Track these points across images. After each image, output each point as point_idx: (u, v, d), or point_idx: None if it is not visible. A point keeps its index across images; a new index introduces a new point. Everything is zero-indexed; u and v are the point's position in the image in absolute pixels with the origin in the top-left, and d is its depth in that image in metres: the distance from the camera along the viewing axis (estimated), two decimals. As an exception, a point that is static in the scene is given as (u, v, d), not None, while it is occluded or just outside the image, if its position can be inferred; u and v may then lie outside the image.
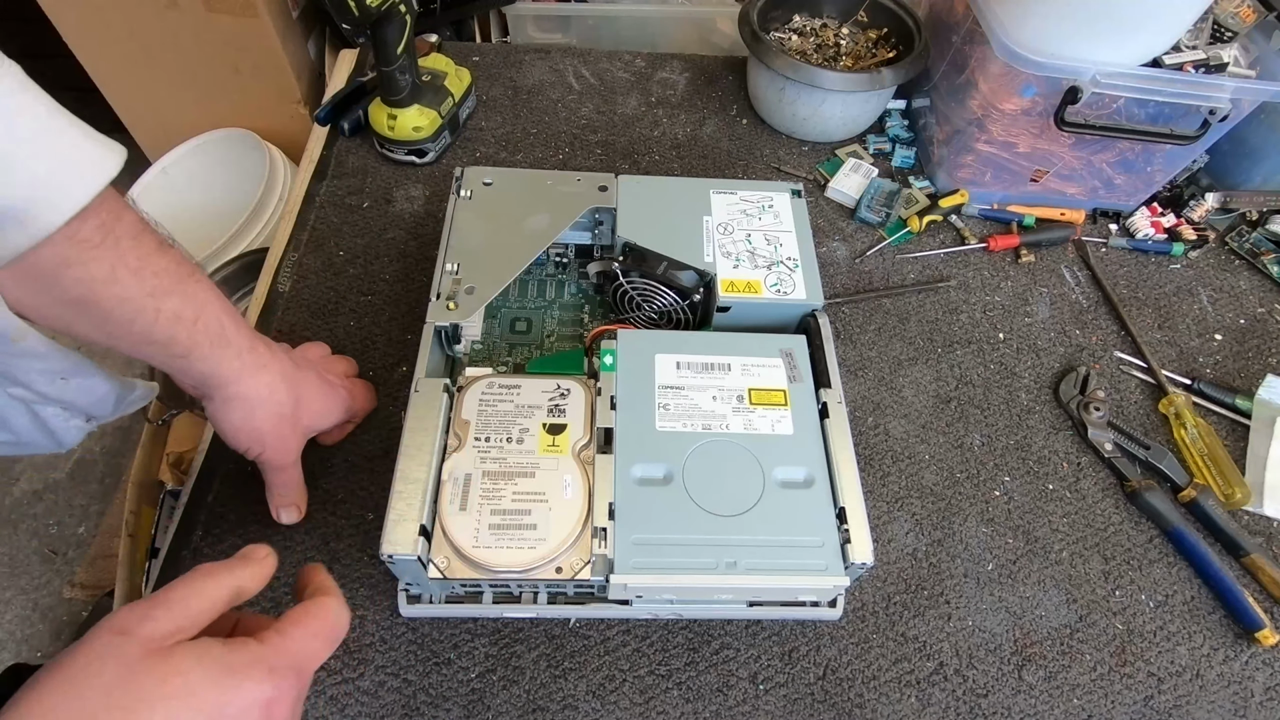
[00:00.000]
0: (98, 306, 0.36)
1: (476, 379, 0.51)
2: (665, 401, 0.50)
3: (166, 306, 0.38)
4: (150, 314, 0.37)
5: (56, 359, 0.39)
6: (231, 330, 0.42)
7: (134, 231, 0.36)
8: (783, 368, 0.52)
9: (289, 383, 0.46)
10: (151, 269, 0.37)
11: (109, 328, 0.37)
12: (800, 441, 0.49)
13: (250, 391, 0.44)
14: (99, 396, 0.43)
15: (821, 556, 0.44)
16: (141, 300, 0.37)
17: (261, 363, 0.44)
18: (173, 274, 0.38)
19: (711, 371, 0.52)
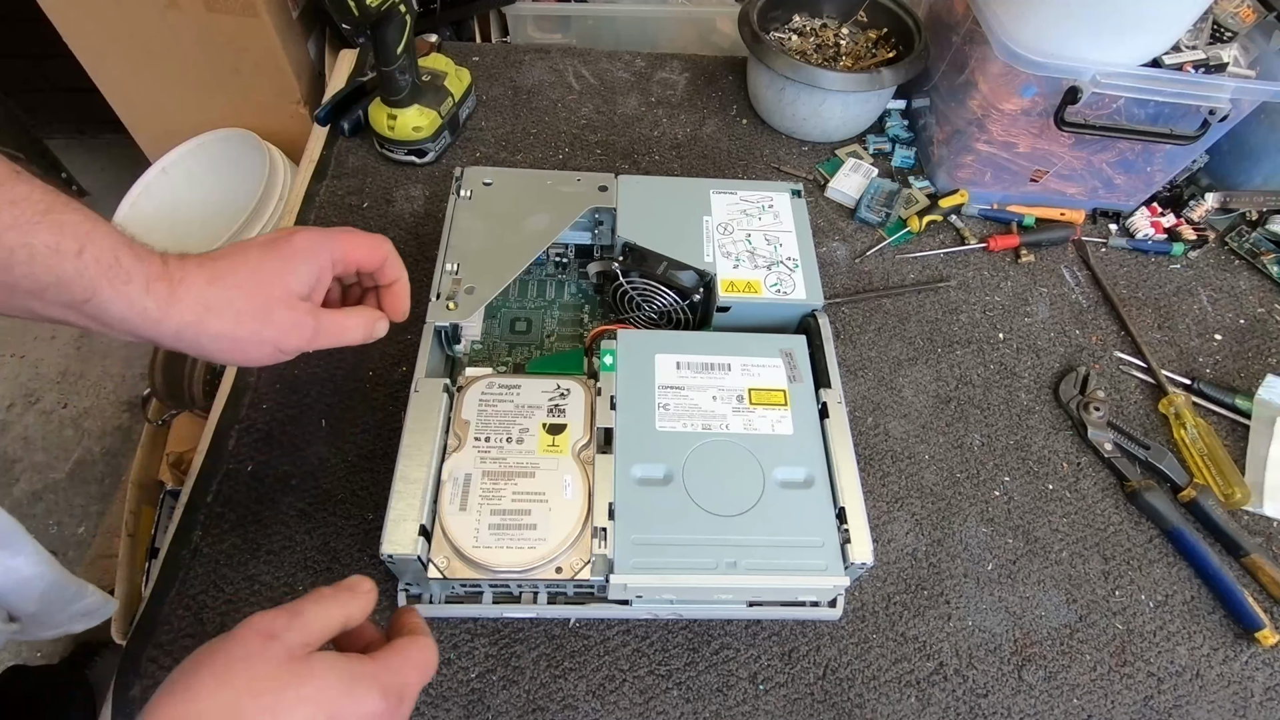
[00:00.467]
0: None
1: (476, 379, 0.51)
2: (665, 401, 0.50)
3: (38, 240, 0.32)
4: (25, 251, 0.32)
5: None
6: (130, 261, 0.35)
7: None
8: (783, 368, 0.52)
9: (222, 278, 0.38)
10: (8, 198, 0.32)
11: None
12: (800, 441, 0.49)
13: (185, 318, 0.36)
14: (21, 579, 0.37)
15: (821, 556, 0.44)
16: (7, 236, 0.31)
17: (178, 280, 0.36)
18: (37, 202, 0.32)
19: (711, 371, 0.51)
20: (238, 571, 0.52)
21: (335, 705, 0.30)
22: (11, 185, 0.32)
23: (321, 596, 0.34)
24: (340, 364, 0.62)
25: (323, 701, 0.30)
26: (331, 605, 0.34)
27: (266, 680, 0.29)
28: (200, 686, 0.29)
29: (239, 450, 0.57)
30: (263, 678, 0.29)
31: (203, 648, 0.30)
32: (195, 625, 0.50)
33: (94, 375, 1.49)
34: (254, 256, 0.39)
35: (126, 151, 1.45)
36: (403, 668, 0.34)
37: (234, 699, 0.28)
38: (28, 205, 0.32)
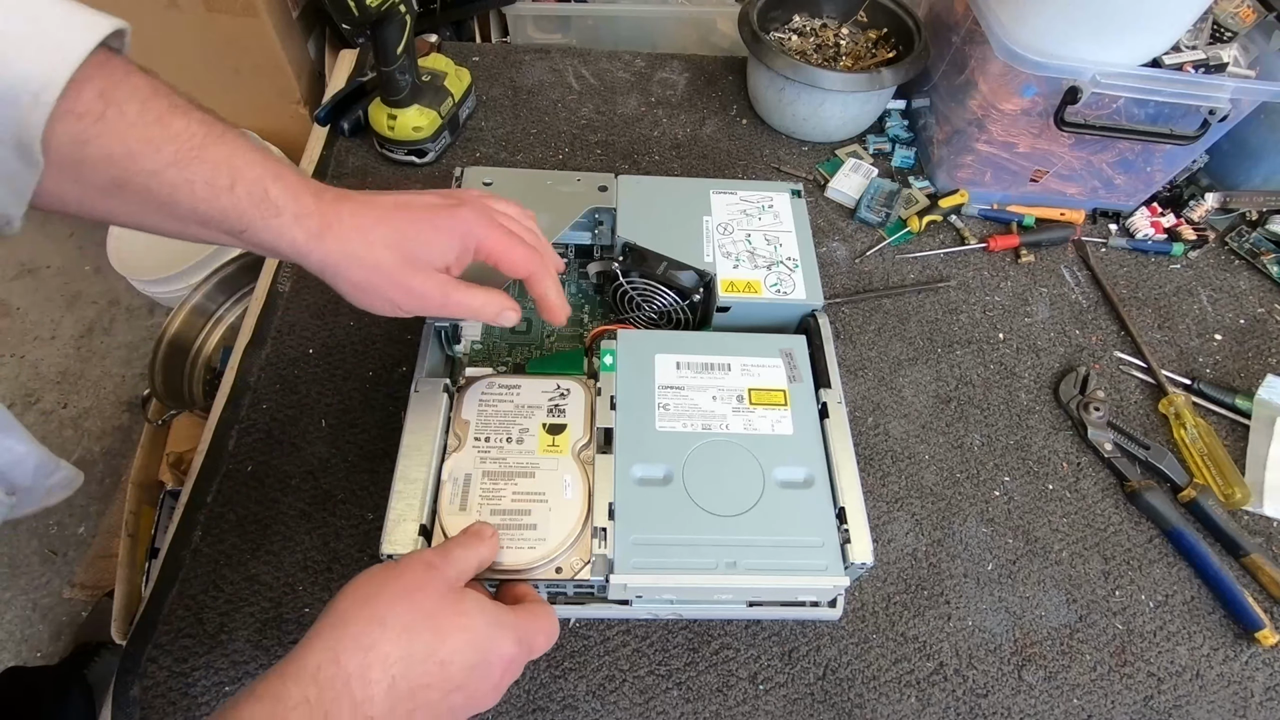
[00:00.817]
0: (131, 188, 0.34)
1: (476, 379, 0.51)
2: (665, 401, 0.50)
3: (196, 176, 0.34)
4: (186, 187, 0.34)
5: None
6: (278, 192, 0.37)
7: (140, 96, 0.33)
8: (782, 368, 0.52)
9: (370, 230, 0.39)
10: (166, 134, 0.33)
11: (159, 213, 0.35)
12: (800, 441, 0.49)
13: (330, 259, 0.39)
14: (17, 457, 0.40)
15: (821, 556, 0.44)
16: (168, 173, 0.34)
17: (330, 221, 0.38)
18: (193, 136, 0.34)
19: (711, 371, 0.51)
20: (238, 571, 0.52)
21: (483, 637, 0.35)
22: (174, 119, 0.33)
23: (460, 542, 0.39)
24: (340, 364, 0.62)
25: (474, 630, 0.35)
26: (470, 549, 0.39)
27: (432, 603, 0.34)
28: (381, 599, 0.34)
29: (239, 450, 0.57)
30: (429, 600, 0.34)
31: (373, 573, 0.35)
32: (195, 625, 0.50)
33: (94, 375, 1.49)
34: (406, 220, 0.40)
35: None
36: (533, 627, 0.38)
37: (408, 613, 0.33)
38: (186, 141, 0.34)
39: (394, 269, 0.40)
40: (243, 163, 0.35)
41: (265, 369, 0.62)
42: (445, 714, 0.34)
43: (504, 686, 0.37)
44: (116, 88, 0.32)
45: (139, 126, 0.33)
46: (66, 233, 1.71)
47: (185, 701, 0.48)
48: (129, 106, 0.32)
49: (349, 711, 0.31)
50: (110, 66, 0.32)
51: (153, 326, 1.57)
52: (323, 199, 0.38)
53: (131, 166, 0.33)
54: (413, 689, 0.32)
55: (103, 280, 1.63)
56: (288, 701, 0.30)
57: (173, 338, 1.02)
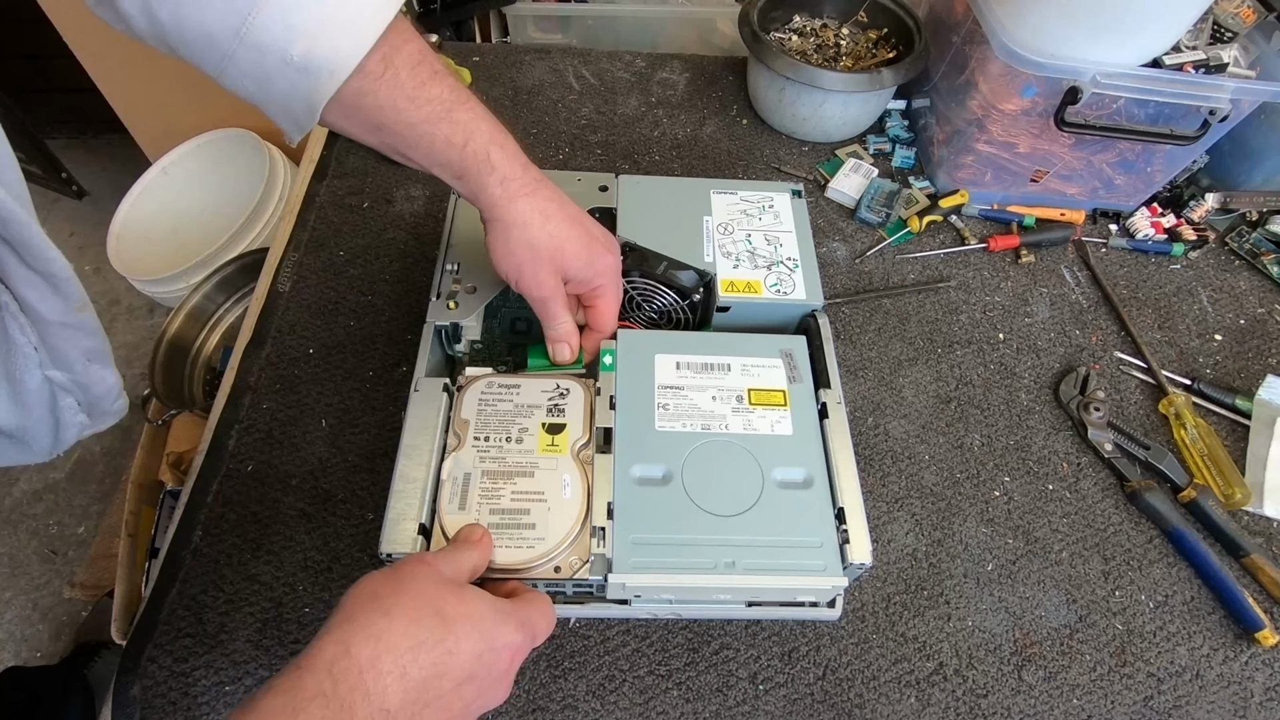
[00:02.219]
0: (392, 131, 0.42)
1: (476, 379, 0.51)
2: (665, 401, 0.50)
3: (439, 132, 0.42)
4: (428, 140, 0.42)
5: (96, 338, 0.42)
6: (497, 157, 0.44)
7: (411, 62, 0.40)
8: (782, 368, 0.52)
9: (547, 218, 0.47)
10: (425, 96, 0.41)
11: (408, 150, 0.43)
12: (799, 442, 0.49)
13: (507, 217, 0.46)
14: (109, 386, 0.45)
15: (820, 557, 0.44)
16: (421, 126, 0.42)
17: (525, 191, 0.46)
18: (445, 101, 0.42)
19: (711, 372, 0.51)
20: (238, 571, 0.52)
21: (487, 624, 0.36)
22: (433, 84, 0.41)
23: (453, 547, 0.41)
24: (340, 364, 0.62)
25: (478, 619, 0.36)
26: (462, 553, 0.40)
27: (434, 593, 0.35)
28: (384, 593, 0.35)
29: (239, 450, 0.57)
30: (431, 591, 0.36)
31: (373, 573, 0.36)
32: (195, 625, 0.50)
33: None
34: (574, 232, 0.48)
35: (126, 151, 1.45)
36: (533, 612, 0.39)
37: (413, 604, 0.34)
38: (439, 104, 0.42)
39: (541, 255, 0.47)
40: (476, 128, 0.44)
41: (265, 369, 0.62)
42: (457, 707, 0.35)
43: (511, 677, 0.38)
44: (396, 53, 0.39)
45: (407, 87, 0.40)
46: (67, 233, 1.71)
47: (185, 701, 0.48)
48: (403, 71, 0.40)
49: (364, 703, 0.31)
50: (392, 32, 0.38)
51: (153, 326, 1.57)
52: (529, 172, 0.46)
53: (395, 118, 0.41)
54: (424, 679, 0.33)
55: (103, 280, 1.63)
56: (304, 693, 0.31)
57: (173, 338, 1.02)
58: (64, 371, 0.41)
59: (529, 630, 0.38)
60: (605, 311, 0.51)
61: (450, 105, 0.42)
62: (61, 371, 0.41)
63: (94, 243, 1.66)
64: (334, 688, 0.31)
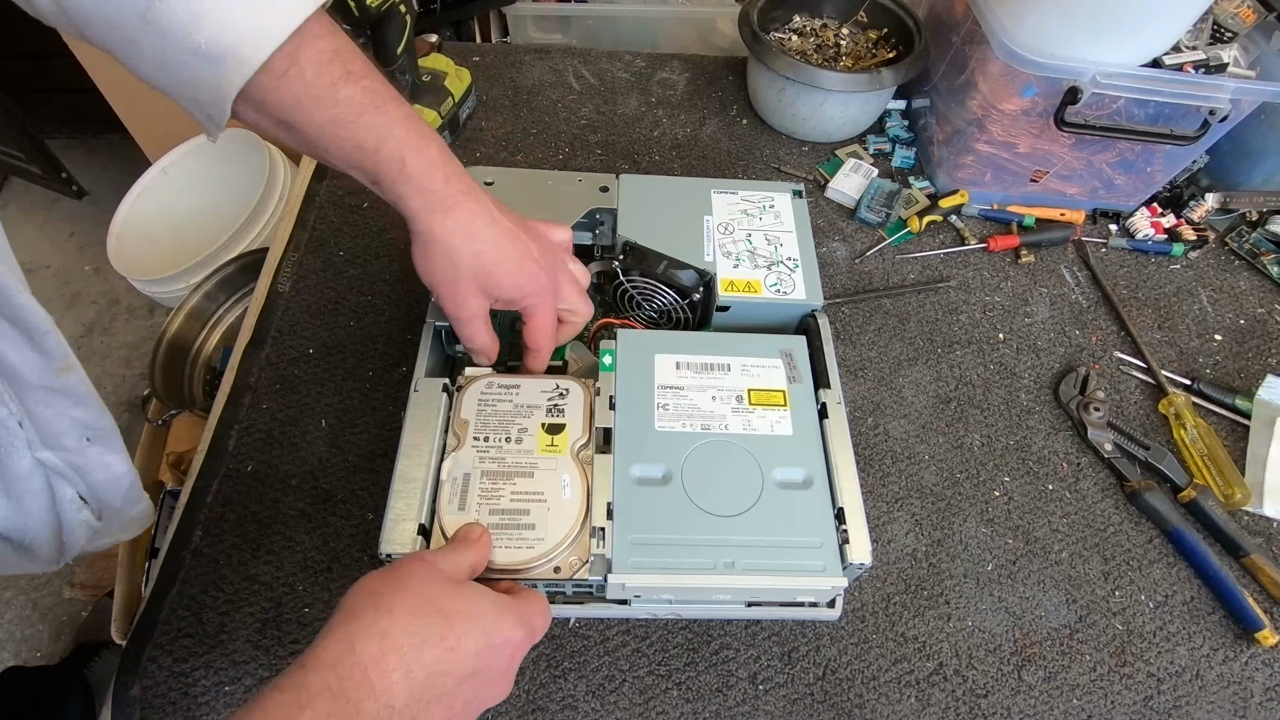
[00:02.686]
0: (299, 130, 0.39)
1: (476, 379, 0.51)
2: (664, 401, 0.50)
3: (347, 135, 0.40)
4: (337, 143, 0.40)
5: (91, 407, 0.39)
6: (415, 166, 0.42)
7: (320, 60, 0.38)
8: (782, 368, 0.52)
9: (470, 235, 0.44)
10: (334, 97, 0.39)
11: (319, 152, 0.41)
12: (799, 442, 0.49)
13: (427, 231, 0.44)
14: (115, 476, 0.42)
15: (820, 557, 0.44)
16: (327, 129, 0.39)
17: (445, 206, 0.43)
18: (355, 104, 0.39)
19: (711, 372, 0.51)
20: (238, 571, 0.52)
21: (488, 620, 0.36)
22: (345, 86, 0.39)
23: (451, 546, 0.41)
24: (340, 364, 0.62)
25: (478, 616, 0.36)
26: (461, 551, 0.40)
27: (434, 590, 0.36)
28: (385, 591, 0.35)
29: (239, 450, 0.57)
30: (432, 588, 0.36)
31: (373, 572, 0.36)
32: (195, 625, 0.50)
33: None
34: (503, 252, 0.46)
35: (126, 151, 1.45)
36: (530, 608, 0.39)
37: (414, 601, 0.34)
38: (348, 107, 0.39)
39: (462, 274, 0.45)
40: (389, 134, 0.41)
41: (265, 369, 0.62)
42: (459, 704, 0.35)
43: (513, 674, 0.38)
44: (303, 49, 0.37)
45: (314, 87, 0.38)
46: (67, 233, 1.71)
47: (185, 701, 0.48)
48: (309, 69, 0.38)
49: (370, 700, 0.31)
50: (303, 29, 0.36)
51: (153, 326, 1.57)
52: (451, 184, 0.43)
53: (301, 117, 0.39)
54: (428, 676, 0.33)
55: (103, 280, 1.64)
56: (309, 690, 0.31)
57: (173, 338, 1.02)
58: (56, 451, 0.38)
59: (528, 626, 0.38)
60: (538, 330, 0.49)
61: (362, 108, 0.40)
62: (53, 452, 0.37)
63: (94, 243, 1.66)
64: (339, 684, 0.31)
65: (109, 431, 0.40)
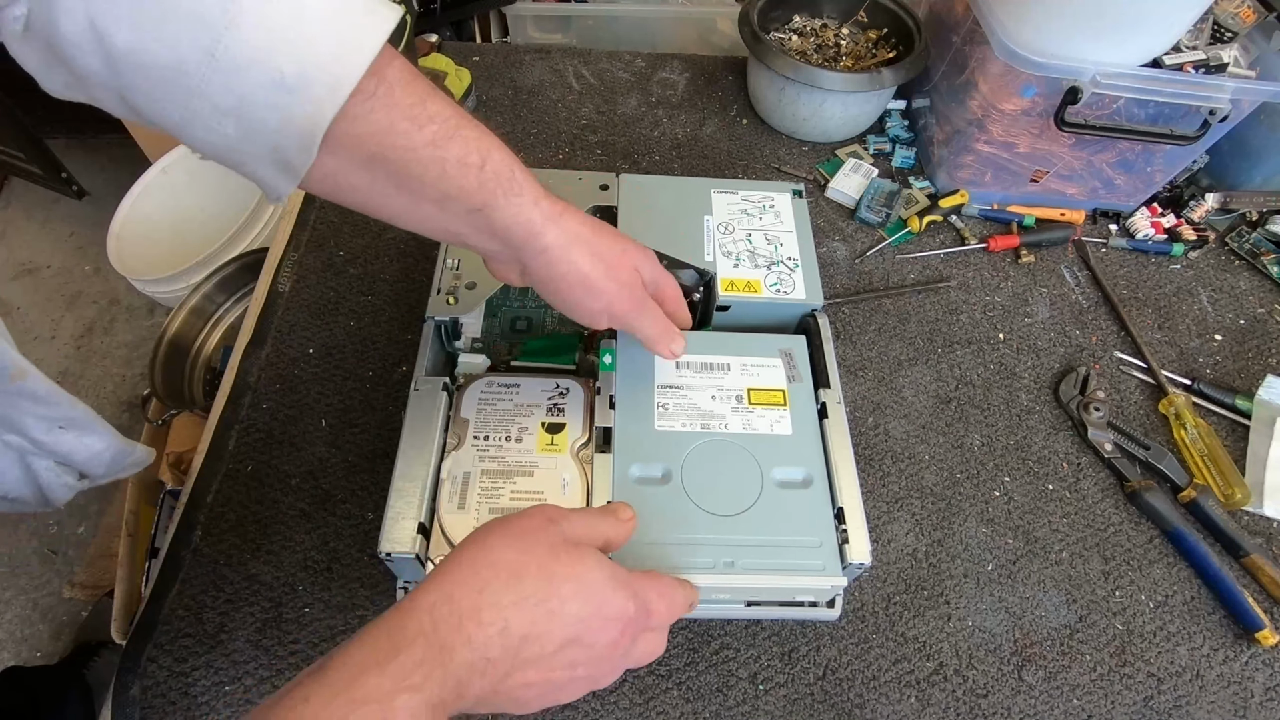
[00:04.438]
0: (389, 162, 0.35)
1: (476, 378, 0.51)
2: (664, 401, 0.50)
3: (451, 154, 0.36)
4: (438, 164, 0.36)
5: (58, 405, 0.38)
6: (521, 177, 0.39)
7: (404, 78, 0.35)
8: (782, 368, 0.52)
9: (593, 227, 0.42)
10: (427, 114, 0.35)
11: (410, 186, 0.37)
12: (799, 442, 0.49)
13: (560, 238, 0.40)
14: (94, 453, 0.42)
15: (819, 556, 0.44)
16: (425, 150, 0.35)
17: (558, 209, 0.41)
18: (449, 119, 0.36)
19: (711, 371, 0.51)
20: (238, 571, 0.52)
21: (596, 590, 0.34)
22: (432, 101, 0.35)
23: (591, 511, 0.39)
24: (340, 364, 0.62)
25: (587, 583, 0.34)
26: (598, 520, 0.38)
27: (544, 549, 0.34)
28: (494, 543, 0.33)
29: (239, 450, 0.57)
30: (542, 547, 0.34)
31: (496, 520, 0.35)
32: (195, 625, 0.50)
33: (94, 375, 1.49)
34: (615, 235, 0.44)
35: (126, 151, 1.45)
36: (653, 591, 0.37)
37: (520, 558, 0.33)
38: (444, 122, 0.35)
39: (615, 259, 0.43)
40: (490, 145, 0.37)
41: (265, 369, 0.62)
42: (560, 672, 0.33)
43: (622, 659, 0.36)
44: (389, 66, 0.33)
45: (404, 106, 0.34)
46: (67, 232, 1.71)
47: (185, 701, 0.48)
48: (396, 87, 0.34)
49: (464, 649, 0.30)
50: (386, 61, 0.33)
51: (153, 326, 1.57)
52: (549, 193, 0.41)
53: (392, 142, 0.34)
54: (524, 636, 0.32)
55: (103, 280, 1.64)
56: (406, 633, 0.30)
57: (173, 338, 1.02)
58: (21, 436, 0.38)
59: (642, 605, 0.36)
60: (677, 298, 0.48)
61: (457, 123, 0.36)
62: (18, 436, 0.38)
63: (94, 243, 1.66)
64: (434, 630, 0.30)
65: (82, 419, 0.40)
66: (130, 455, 0.45)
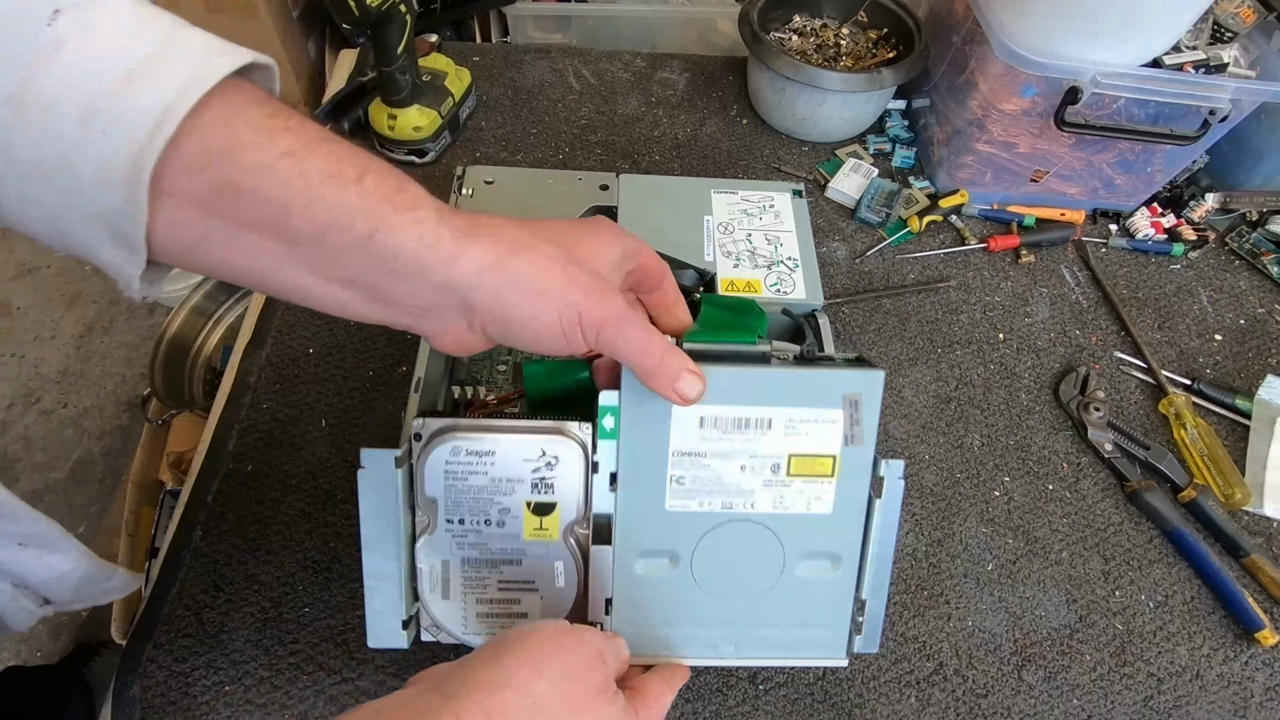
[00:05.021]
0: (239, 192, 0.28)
1: (436, 440, 0.40)
2: (680, 474, 0.40)
3: (313, 166, 0.28)
4: (300, 180, 0.28)
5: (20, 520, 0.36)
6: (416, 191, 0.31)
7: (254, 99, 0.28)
8: (840, 423, 0.40)
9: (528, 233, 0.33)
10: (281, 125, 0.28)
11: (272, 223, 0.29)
12: (837, 523, 0.41)
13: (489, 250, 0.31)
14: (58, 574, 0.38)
15: (826, 640, 0.43)
16: (281, 165, 0.28)
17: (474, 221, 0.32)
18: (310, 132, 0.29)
19: (745, 430, 0.39)
20: (238, 571, 0.52)
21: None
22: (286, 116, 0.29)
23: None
24: (340, 364, 0.62)
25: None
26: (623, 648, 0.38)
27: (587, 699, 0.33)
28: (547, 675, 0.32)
29: (239, 450, 0.57)
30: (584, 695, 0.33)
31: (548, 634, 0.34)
32: (195, 625, 0.50)
33: (94, 375, 1.49)
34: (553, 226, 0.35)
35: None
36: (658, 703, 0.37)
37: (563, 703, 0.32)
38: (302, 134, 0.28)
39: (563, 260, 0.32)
40: (370, 161, 0.30)
41: (265, 369, 0.62)
42: None
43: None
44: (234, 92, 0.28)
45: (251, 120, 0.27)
46: (66, 232, 1.71)
47: (185, 701, 0.48)
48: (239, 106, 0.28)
49: None
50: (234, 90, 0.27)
51: (153, 326, 1.57)
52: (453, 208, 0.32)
53: (238, 161, 0.27)
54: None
55: (103, 280, 1.63)
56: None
57: (173, 338, 1.02)
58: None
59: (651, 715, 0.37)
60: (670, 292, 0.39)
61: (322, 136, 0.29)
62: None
63: (94, 243, 1.65)
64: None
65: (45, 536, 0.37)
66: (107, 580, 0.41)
